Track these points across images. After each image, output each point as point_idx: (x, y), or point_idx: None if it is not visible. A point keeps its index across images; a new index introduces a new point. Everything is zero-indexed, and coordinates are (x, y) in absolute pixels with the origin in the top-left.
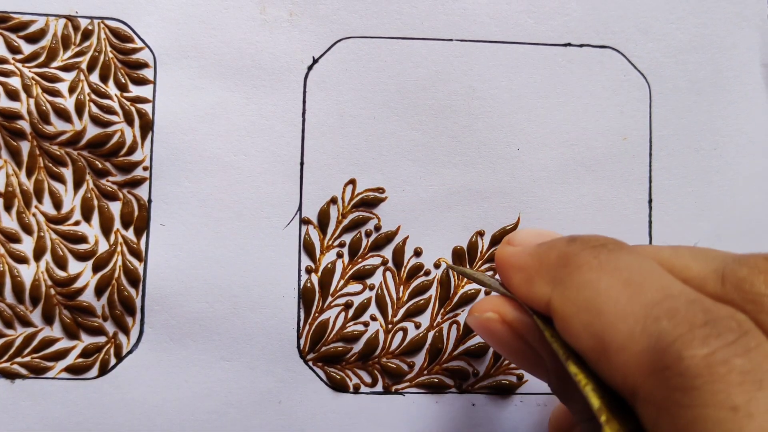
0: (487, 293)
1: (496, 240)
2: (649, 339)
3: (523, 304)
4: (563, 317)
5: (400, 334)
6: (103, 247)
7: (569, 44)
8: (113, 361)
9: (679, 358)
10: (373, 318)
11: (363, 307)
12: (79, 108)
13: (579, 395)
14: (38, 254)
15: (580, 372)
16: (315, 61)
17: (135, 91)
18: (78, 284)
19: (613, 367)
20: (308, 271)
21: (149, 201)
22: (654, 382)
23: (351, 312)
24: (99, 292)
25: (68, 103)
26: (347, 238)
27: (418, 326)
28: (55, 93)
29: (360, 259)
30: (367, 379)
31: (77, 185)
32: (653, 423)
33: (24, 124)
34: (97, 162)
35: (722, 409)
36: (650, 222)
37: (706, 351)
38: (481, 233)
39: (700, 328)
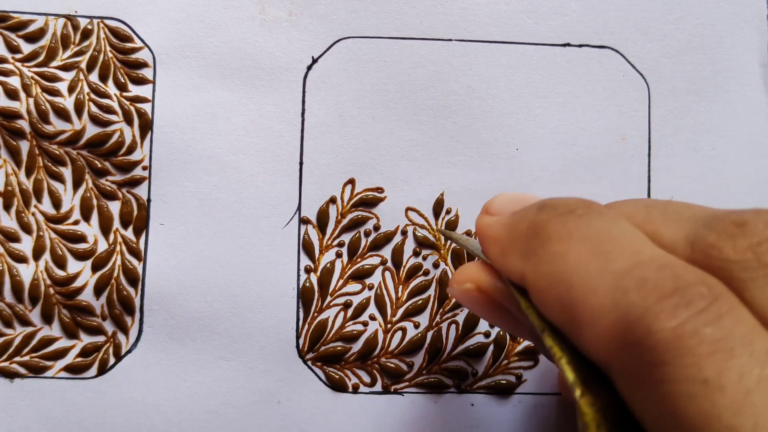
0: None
1: None
2: (618, 312)
3: (501, 274)
4: (536, 290)
5: (399, 333)
6: (102, 246)
7: (568, 44)
8: (112, 360)
9: (648, 332)
10: (372, 318)
11: (362, 307)
12: (79, 107)
13: None
14: (37, 253)
15: (555, 345)
16: (314, 61)
17: (134, 90)
18: (77, 283)
19: (585, 341)
20: (307, 270)
21: (148, 200)
22: (626, 357)
23: (350, 312)
24: (98, 291)
25: (67, 102)
26: (346, 237)
27: (417, 326)
28: (55, 92)
29: (359, 259)
30: (366, 379)
31: (76, 185)
32: (629, 395)
33: (23, 124)
34: (96, 161)
35: (694, 384)
36: None
37: (674, 323)
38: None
39: (668, 298)
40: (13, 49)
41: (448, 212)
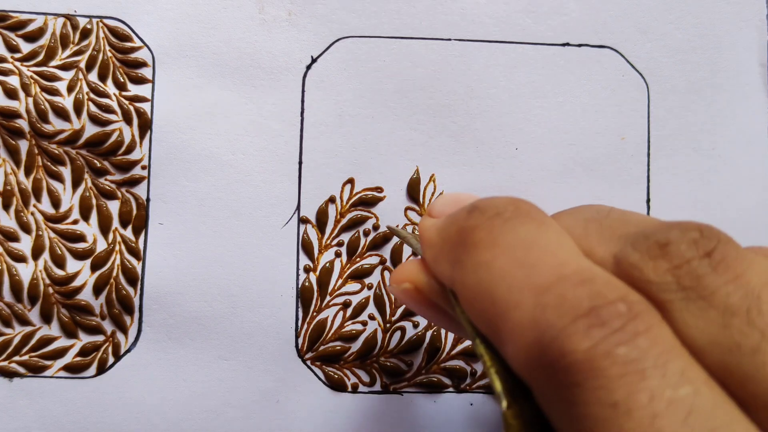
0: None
1: None
2: (536, 331)
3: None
4: (463, 300)
5: (398, 333)
6: (101, 245)
7: (567, 44)
8: (111, 360)
9: (561, 354)
10: (372, 317)
11: (361, 307)
12: (78, 107)
13: None
14: (36, 253)
15: (485, 353)
16: (313, 60)
17: (133, 90)
18: (76, 283)
19: (507, 356)
20: (306, 270)
21: (147, 200)
22: (542, 377)
23: (349, 311)
24: (97, 290)
25: (67, 101)
26: (345, 237)
27: (416, 325)
28: (54, 92)
29: (358, 259)
30: (366, 379)
31: (76, 184)
32: (547, 412)
33: (22, 123)
34: (95, 161)
35: (603, 407)
36: None
37: (587, 344)
38: None
39: (583, 317)
40: (13, 48)
41: None
